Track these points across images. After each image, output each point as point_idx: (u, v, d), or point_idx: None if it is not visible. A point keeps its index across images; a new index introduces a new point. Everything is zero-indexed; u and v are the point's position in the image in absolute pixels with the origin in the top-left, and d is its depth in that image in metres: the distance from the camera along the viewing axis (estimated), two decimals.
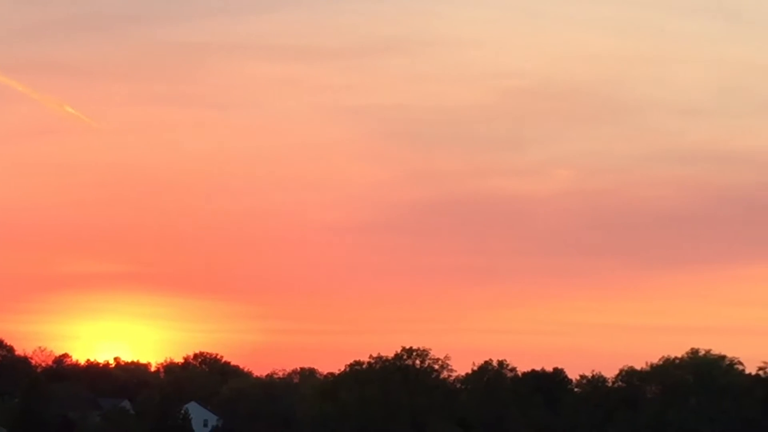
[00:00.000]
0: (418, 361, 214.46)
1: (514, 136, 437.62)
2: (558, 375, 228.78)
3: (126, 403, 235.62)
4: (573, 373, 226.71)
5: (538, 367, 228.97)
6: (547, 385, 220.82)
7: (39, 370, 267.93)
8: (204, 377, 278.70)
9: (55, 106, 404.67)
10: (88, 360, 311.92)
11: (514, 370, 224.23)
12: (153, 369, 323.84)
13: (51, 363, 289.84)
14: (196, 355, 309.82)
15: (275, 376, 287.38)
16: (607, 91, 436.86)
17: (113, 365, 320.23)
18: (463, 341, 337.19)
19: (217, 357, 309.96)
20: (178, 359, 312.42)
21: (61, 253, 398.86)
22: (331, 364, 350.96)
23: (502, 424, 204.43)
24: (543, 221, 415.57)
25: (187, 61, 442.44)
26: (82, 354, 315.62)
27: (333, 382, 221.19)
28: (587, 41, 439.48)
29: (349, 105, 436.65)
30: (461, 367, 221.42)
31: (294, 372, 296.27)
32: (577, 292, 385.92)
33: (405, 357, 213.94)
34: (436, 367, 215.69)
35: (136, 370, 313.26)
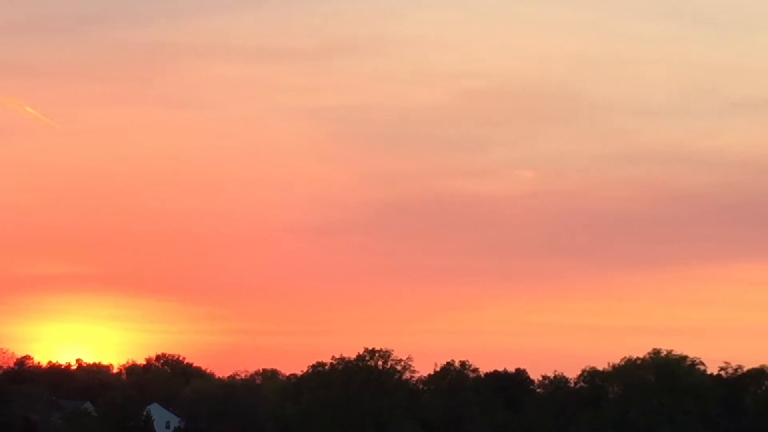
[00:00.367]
0: (380, 362, 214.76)
1: (477, 136, 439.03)
2: (520, 375, 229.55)
3: (88, 405, 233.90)
4: (535, 374, 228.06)
5: (500, 368, 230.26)
6: (510, 385, 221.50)
7: (0, 372, 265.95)
8: (166, 378, 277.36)
9: (16, 107, 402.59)
10: (50, 362, 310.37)
11: (476, 370, 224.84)
12: (115, 371, 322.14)
13: (12, 365, 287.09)
14: (158, 357, 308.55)
15: (237, 378, 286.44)
16: (570, 91, 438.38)
17: (75, 367, 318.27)
18: (425, 342, 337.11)
19: (179, 358, 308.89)
20: (140, 361, 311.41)
21: (22, 255, 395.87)
22: (293, 365, 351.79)
23: (464, 424, 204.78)
24: (505, 222, 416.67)
25: (149, 61, 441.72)
26: (43, 356, 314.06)
27: (295, 383, 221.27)
28: (550, 42, 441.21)
29: (311, 106, 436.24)
30: (424, 368, 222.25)
31: (256, 373, 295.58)
32: (539, 293, 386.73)
33: (367, 358, 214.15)
34: (399, 368, 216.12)
35: (98, 372, 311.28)
